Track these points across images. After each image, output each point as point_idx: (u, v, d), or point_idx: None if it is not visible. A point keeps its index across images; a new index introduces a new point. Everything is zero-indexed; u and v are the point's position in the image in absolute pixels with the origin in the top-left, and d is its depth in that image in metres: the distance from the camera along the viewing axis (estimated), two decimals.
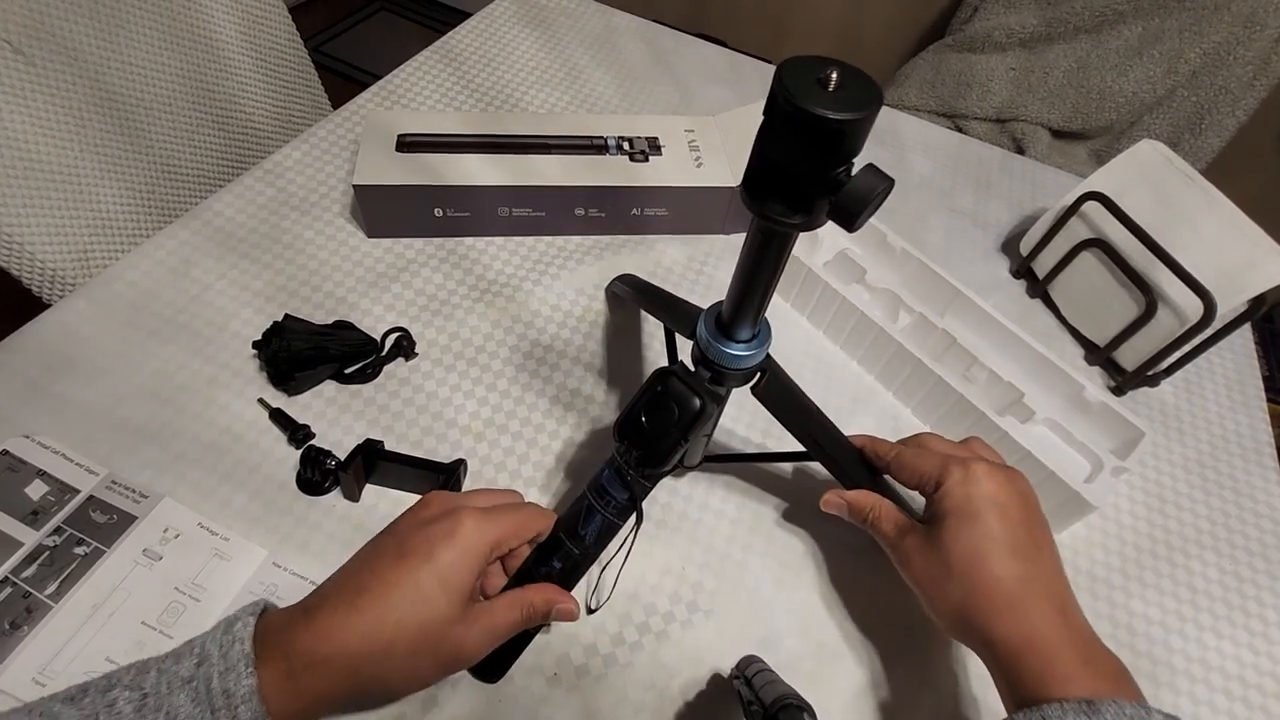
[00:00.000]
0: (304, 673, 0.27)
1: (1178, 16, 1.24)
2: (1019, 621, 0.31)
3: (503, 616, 0.32)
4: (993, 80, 1.35)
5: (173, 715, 0.25)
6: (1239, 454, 0.57)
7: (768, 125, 0.24)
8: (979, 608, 0.32)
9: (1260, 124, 1.31)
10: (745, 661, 0.38)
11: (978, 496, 0.34)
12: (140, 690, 0.25)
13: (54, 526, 0.40)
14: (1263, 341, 1.39)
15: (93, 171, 0.64)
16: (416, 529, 0.31)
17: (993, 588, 0.32)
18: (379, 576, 0.30)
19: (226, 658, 0.26)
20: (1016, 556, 0.33)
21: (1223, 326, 0.55)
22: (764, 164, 0.26)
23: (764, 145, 0.25)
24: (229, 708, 0.25)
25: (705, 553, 0.45)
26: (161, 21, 0.69)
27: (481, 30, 0.83)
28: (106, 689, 0.26)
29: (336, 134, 0.67)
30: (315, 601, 0.30)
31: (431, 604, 0.29)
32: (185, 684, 0.25)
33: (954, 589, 0.33)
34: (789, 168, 0.25)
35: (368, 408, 0.49)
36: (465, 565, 0.30)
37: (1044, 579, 0.33)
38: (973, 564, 0.33)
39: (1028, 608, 0.32)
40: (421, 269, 0.57)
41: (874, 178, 0.24)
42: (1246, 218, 0.55)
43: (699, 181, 0.60)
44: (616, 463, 0.36)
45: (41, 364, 0.47)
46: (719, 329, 0.35)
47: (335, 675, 0.27)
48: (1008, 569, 0.33)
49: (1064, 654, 0.30)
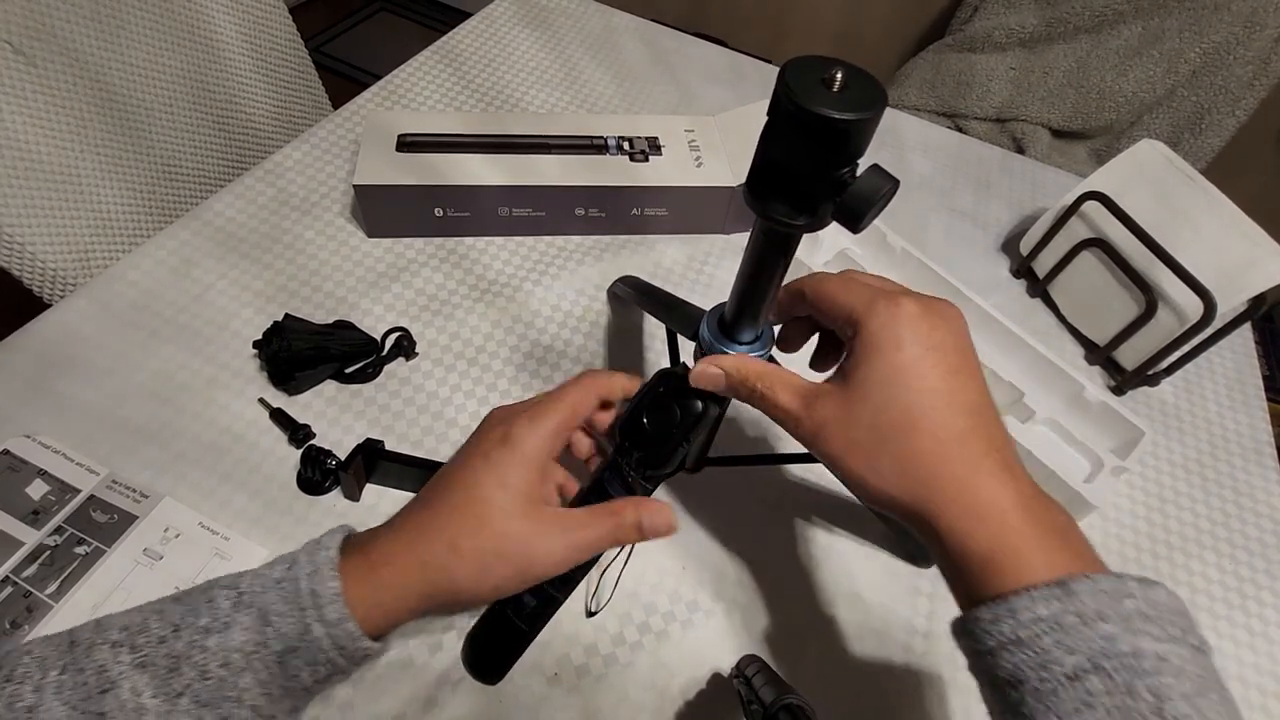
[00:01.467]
0: (381, 568, 0.28)
1: (1178, 16, 1.24)
2: (966, 492, 0.26)
3: (585, 527, 0.31)
4: (993, 80, 1.35)
5: (264, 611, 0.27)
6: (1239, 453, 0.57)
7: (771, 126, 0.24)
8: (918, 479, 0.27)
9: (1260, 124, 1.31)
10: (745, 661, 0.38)
11: (908, 340, 0.28)
12: (236, 589, 0.28)
13: (55, 526, 0.40)
14: (1263, 341, 1.39)
15: (93, 172, 0.64)
16: (476, 442, 0.32)
17: (933, 453, 0.27)
18: (446, 479, 0.31)
19: (314, 561, 0.28)
20: (956, 409, 0.27)
21: (1223, 326, 0.55)
22: (767, 165, 0.25)
23: (767, 146, 0.25)
24: (316, 606, 0.27)
25: (705, 552, 0.45)
26: (162, 22, 0.69)
27: (481, 30, 0.83)
28: (206, 589, 0.28)
29: (337, 134, 0.67)
30: (396, 514, 0.31)
31: (489, 502, 0.29)
32: (276, 585, 0.28)
33: (885, 460, 0.27)
34: (793, 169, 0.24)
35: (368, 407, 0.49)
36: (522, 464, 0.30)
37: (985, 430, 0.28)
38: (908, 426, 0.27)
39: (974, 472, 0.27)
40: (422, 269, 0.57)
41: (879, 178, 0.24)
42: (1246, 218, 0.55)
43: (699, 181, 0.60)
44: (617, 464, 0.36)
45: (42, 364, 0.47)
46: (721, 330, 0.34)
47: (408, 570, 0.29)
48: (949, 427, 0.27)
49: (1016, 523, 0.26)
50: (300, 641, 0.27)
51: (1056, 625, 0.23)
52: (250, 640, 0.27)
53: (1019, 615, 0.23)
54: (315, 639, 0.27)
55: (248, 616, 0.27)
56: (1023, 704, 0.23)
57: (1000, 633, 0.24)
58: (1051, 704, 0.22)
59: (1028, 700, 0.23)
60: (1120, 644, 0.22)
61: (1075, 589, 0.23)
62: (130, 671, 0.26)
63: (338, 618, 0.27)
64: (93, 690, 0.25)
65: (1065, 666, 0.22)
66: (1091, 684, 0.22)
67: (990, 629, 0.24)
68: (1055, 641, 0.23)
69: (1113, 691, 0.21)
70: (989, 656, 0.24)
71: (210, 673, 0.26)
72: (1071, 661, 0.22)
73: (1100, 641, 0.22)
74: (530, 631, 0.36)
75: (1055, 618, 0.23)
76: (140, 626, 0.27)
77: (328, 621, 0.27)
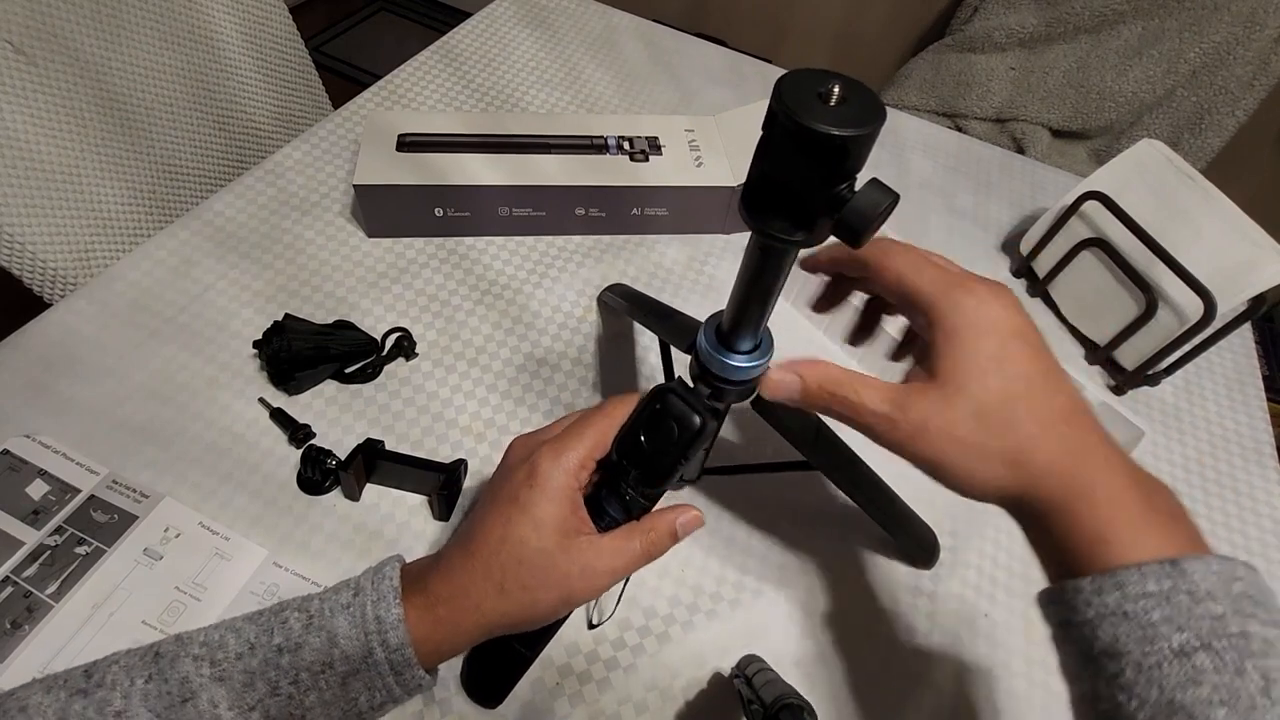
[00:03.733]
0: (437, 606, 0.30)
1: (1178, 16, 1.24)
2: (1079, 474, 0.26)
3: (618, 552, 0.31)
4: (993, 80, 1.35)
5: (333, 633, 0.29)
6: (1239, 454, 0.57)
7: (767, 141, 0.23)
8: (1029, 466, 0.27)
9: (1260, 124, 1.31)
10: (745, 661, 0.38)
11: (991, 329, 0.28)
12: (307, 612, 0.29)
13: (55, 526, 0.40)
14: (1263, 341, 1.39)
15: (93, 171, 0.64)
16: (503, 479, 0.33)
17: (1042, 438, 0.27)
18: (483, 525, 0.32)
19: (378, 589, 0.30)
20: (1053, 391, 0.27)
21: (1223, 326, 0.55)
22: (764, 180, 0.25)
23: (764, 161, 0.24)
24: (379, 631, 0.28)
25: (705, 555, 0.45)
26: (162, 22, 0.69)
27: (481, 30, 0.83)
28: (278, 610, 0.30)
29: (337, 134, 0.67)
30: (443, 551, 0.33)
31: (525, 543, 0.30)
32: (344, 609, 0.29)
33: (993, 451, 0.27)
34: (790, 184, 0.24)
35: (368, 407, 0.49)
36: (552, 501, 0.31)
37: (1083, 409, 0.28)
38: (1013, 414, 0.27)
39: (1085, 453, 0.27)
40: (422, 269, 0.57)
41: (878, 194, 0.23)
42: (1246, 217, 0.55)
43: (699, 181, 0.60)
44: (612, 482, 0.35)
45: (42, 364, 0.47)
46: (719, 340, 0.34)
47: (462, 612, 0.30)
48: (1053, 409, 0.27)
49: (1129, 503, 0.25)
50: (362, 664, 0.28)
51: (1166, 601, 0.23)
52: (318, 660, 0.28)
53: (1126, 589, 0.23)
54: (376, 662, 0.28)
55: (318, 638, 0.29)
56: (1121, 675, 0.23)
57: (1104, 604, 0.24)
58: (1155, 677, 0.22)
59: (1127, 672, 0.23)
60: (1230, 625, 0.22)
61: (1187, 568, 0.23)
62: (209, 684, 0.27)
63: (398, 643, 0.28)
64: (175, 699, 0.27)
65: (1173, 643, 0.22)
66: (1199, 661, 0.22)
67: (1093, 599, 0.24)
68: (1164, 617, 0.23)
69: (1221, 670, 0.22)
70: (1085, 627, 0.24)
71: (280, 689, 0.28)
72: (1180, 638, 0.22)
73: (1210, 621, 0.22)
74: (530, 655, 0.36)
75: (1166, 594, 0.23)
76: (219, 643, 0.29)
77: (389, 646, 0.28)
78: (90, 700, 0.27)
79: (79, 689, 0.27)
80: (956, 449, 0.28)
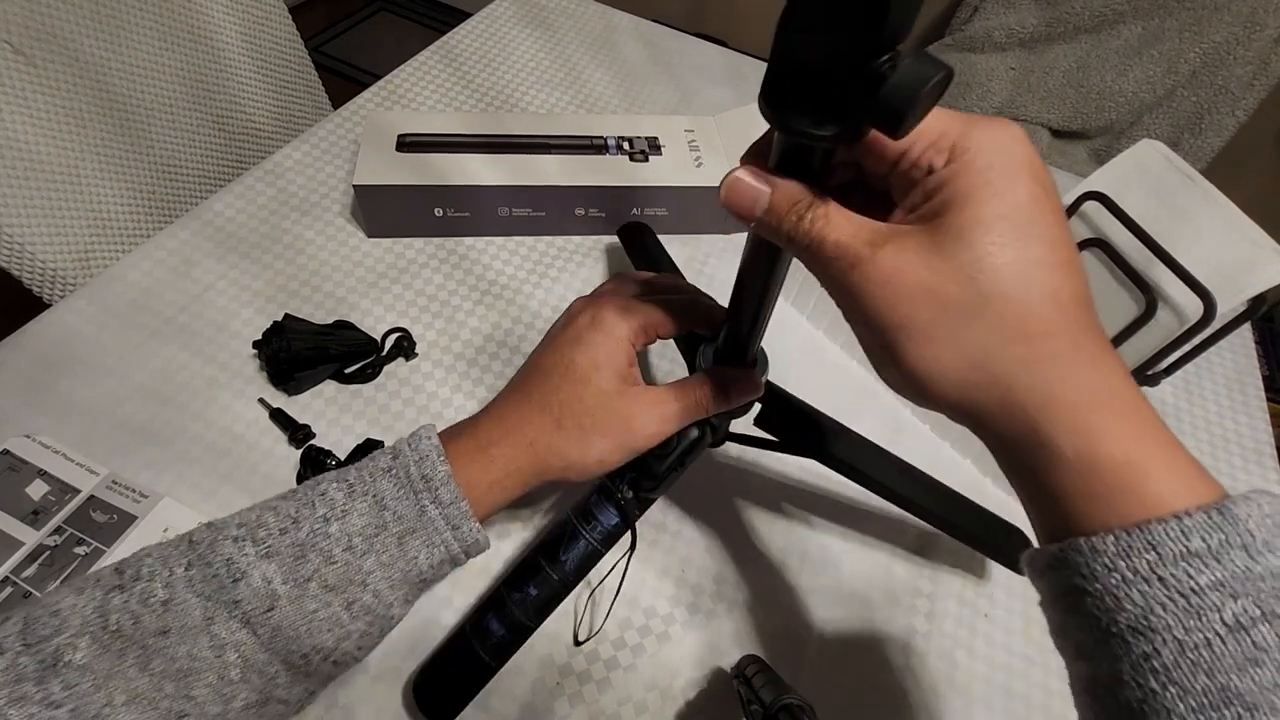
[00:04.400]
0: (490, 447, 0.30)
1: (1178, 16, 1.24)
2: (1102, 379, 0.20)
3: (671, 399, 0.32)
4: (993, 80, 1.35)
5: (379, 497, 0.28)
6: (1239, 454, 0.57)
7: (791, 9, 0.19)
8: (1036, 359, 0.20)
9: (1260, 124, 1.31)
10: (745, 661, 0.38)
11: (1026, 172, 0.21)
12: (346, 481, 0.28)
13: (54, 526, 0.40)
14: (1263, 341, 1.39)
15: (93, 172, 0.64)
16: (565, 324, 0.33)
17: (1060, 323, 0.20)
18: (540, 364, 0.32)
19: (418, 449, 0.29)
20: (1077, 271, 0.21)
21: (1222, 326, 0.55)
22: (787, 62, 0.20)
23: (787, 37, 0.20)
24: (429, 490, 0.28)
25: (703, 555, 0.45)
26: (161, 22, 0.69)
27: (481, 30, 0.83)
28: (315, 484, 0.29)
29: (336, 134, 0.67)
30: (492, 402, 0.33)
31: (586, 382, 0.31)
32: (385, 473, 0.28)
33: (978, 325, 0.20)
34: (818, 63, 0.19)
35: (368, 408, 0.49)
36: (612, 348, 0.31)
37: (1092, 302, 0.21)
38: (1029, 286, 0.20)
39: (1105, 355, 0.20)
40: (422, 269, 0.57)
41: (927, 65, 0.18)
42: (1246, 218, 0.55)
43: (699, 181, 0.60)
44: (606, 487, 0.35)
45: (42, 364, 0.47)
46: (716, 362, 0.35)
47: (517, 447, 0.30)
48: (1075, 292, 0.20)
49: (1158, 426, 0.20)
50: (417, 523, 0.28)
51: (1216, 561, 0.18)
52: (370, 524, 0.27)
53: (1163, 548, 0.18)
54: (431, 519, 0.28)
55: (363, 503, 0.28)
56: (1156, 657, 0.18)
57: (1133, 568, 0.18)
58: (1202, 658, 0.17)
59: (1165, 653, 0.18)
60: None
61: (1238, 514, 0.18)
62: (258, 561, 0.26)
63: (451, 498, 0.28)
64: (225, 580, 0.26)
65: (1225, 613, 0.17)
66: (1261, 635, 0.17)
67: (1117, 563, 0.19)
68: (1215, 581, 0.18)
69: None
70: (1106, 596, 0.19)
71: (335, 557, 0.27)
72: (1234, 607, 0.17)
73: (1272, 582, 0.17)
74: (494, 665, 0.34)
75: (1215, 552, 0.18)
76: (258, 522, 0.27)
77: (441, 502, 0.28)
78: (130, 594, 0.25)
79: (114, 585, 0.26)
80: (930, 312, 0.21)
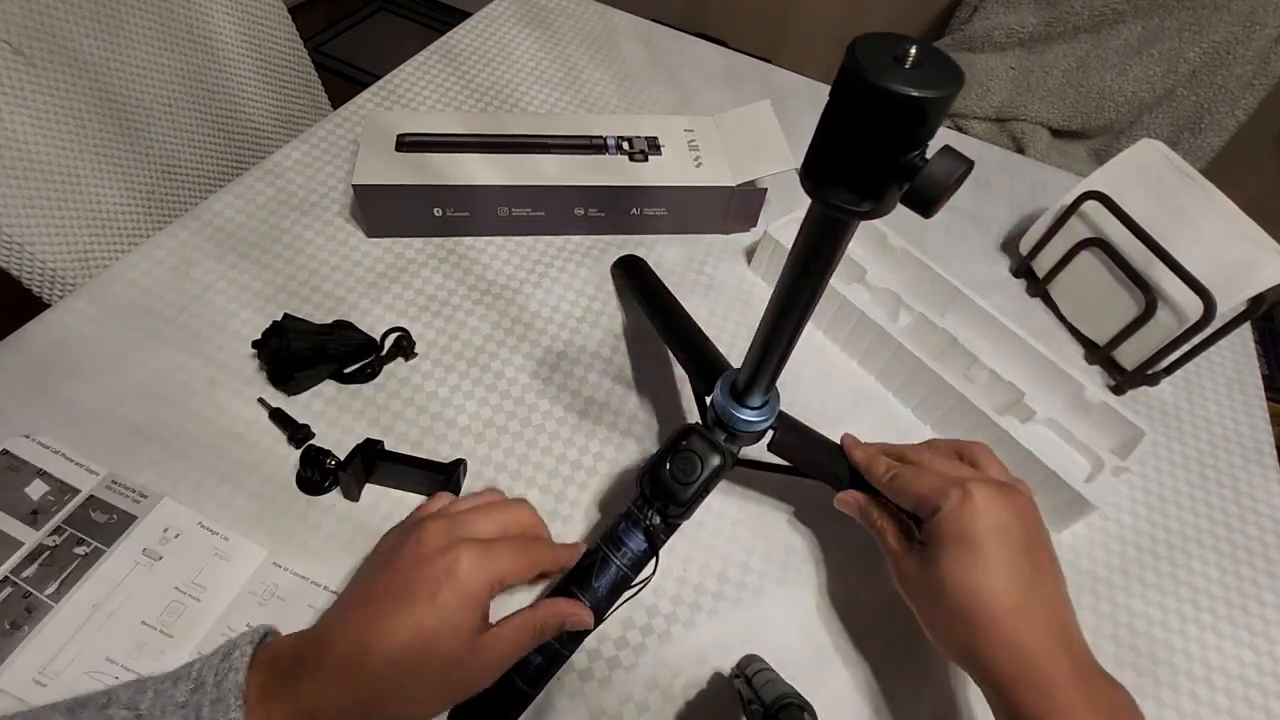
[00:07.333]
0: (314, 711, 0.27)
1: (1177, 16, 1.24)
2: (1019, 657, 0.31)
3: (512, 642, 0.32)
4: (993, 80, 1.35)
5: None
6: (1239, 453, 0.57)
7: (835, 105, 0.22)
8: (979, 641, 0.32)
9: (1260, 124, 1.31)
10: (746, 661, 0.38)
11: (976, 526, 0.33)
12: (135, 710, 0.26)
13: (54, 526, 0.40)
14: (1263, 341, 1.39)
15: (93, 172, 0.64)
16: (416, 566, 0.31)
17: (991, 623, 0.32)
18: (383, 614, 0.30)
19: (219, 687, 0.26)
20: (1016, 587, 0.32)
21: (1222, 326, 0.55)
22: (829, 148, 0.23)
23: (831, 127, 0.23)
24: None
25: (706, 555, 0.45)
26: (161, 22, 0.69)
27: (481, 30, 0.83)
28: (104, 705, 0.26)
29: (336, 134, 0.67)
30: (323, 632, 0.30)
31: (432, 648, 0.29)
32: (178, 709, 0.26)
33: (951, 620, 0.33)
34: (859, 151, 0.23)
35: (368, 408, 0.49)
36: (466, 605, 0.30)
37: (1045, 607, 0.32)
38: (969, 597, 0.32)
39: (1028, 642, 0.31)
40: (421, 269, 0.57)
41: (953, 161, 0.22)
42: (1246, 217, 0.55)
43: (698, 181, 0.60)
44: (634, 514, 0.38)
45: (41, 364, 0.47)
46: (733, 395, 0.37)
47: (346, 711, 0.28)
48: (1006, 602, 0.32)
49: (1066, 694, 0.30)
50: None
51: None
52: None
53: None
54: None
55: None
56: None
57: None
58: None
59: None
60: None
61: None
62: None
63: None
64: None
65: None
66: None
67: None
68: None
69: None
70: None
71: None
72: None
73: None
74: (533, 692, 0.35)
75: None
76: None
77: None
78: None
79: None
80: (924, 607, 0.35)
